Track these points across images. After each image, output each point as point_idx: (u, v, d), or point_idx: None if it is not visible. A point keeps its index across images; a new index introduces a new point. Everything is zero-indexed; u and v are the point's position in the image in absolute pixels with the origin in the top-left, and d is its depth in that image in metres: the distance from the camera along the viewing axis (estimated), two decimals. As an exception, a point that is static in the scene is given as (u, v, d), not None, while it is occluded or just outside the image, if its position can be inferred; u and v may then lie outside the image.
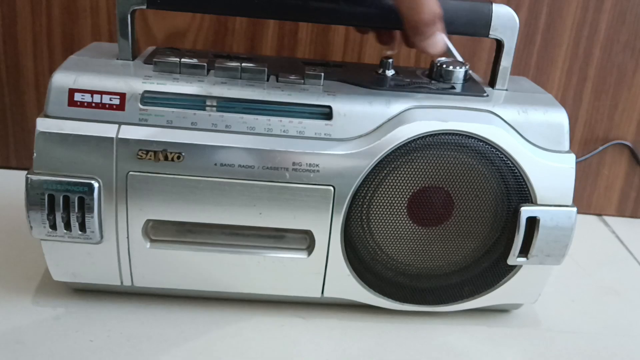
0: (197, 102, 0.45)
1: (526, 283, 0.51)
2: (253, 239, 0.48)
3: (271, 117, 0.46)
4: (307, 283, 0.49)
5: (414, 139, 0.46)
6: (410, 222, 0.49)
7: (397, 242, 0.49)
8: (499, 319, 0.53)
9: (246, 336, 0.48)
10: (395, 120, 0.46)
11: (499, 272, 0.50)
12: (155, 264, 0.47)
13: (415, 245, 0.49)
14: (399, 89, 0.49)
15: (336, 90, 0.47)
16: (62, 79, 0.45)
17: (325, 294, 0.49)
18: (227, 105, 0.46)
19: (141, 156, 0.44)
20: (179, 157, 0.44)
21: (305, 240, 0.48)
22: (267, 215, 0.46)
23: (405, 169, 0.47)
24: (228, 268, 0.48)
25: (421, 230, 0.49)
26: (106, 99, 0.45)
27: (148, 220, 0.46)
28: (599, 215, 0.76)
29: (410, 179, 0.47)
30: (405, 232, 0.49)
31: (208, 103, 0.45)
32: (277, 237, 0.48)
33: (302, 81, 0.48)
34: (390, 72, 0.53)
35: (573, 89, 0.71)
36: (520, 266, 0.50)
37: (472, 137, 0.46)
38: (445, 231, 0.49)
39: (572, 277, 0.61)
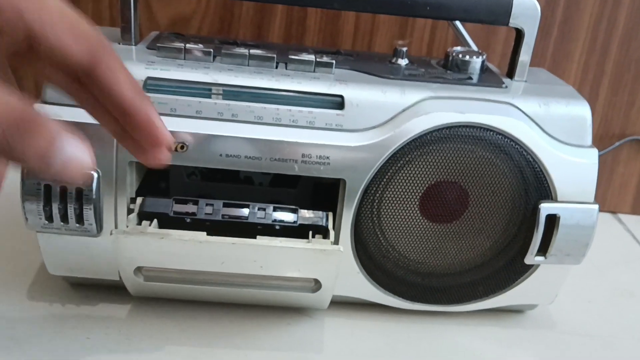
0: (202, 90, 0.43)
1: (543, 283, 0.49)
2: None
3: (280, 106, 0.43)
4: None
5: (430, 132, 0.44)
6: (423, 218, 0.47)
7: (409, 239, 0.47)
8: (512, 320, 0.51)
9: (250, 335, 0.46)
10: (410, 112, 0.44)
11: (515, 271, 0.48)
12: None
13: (428, 243, 0.47)
14: (413, 79, 0.47)
15: (348, 79, 0.45)
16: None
17: (334, 292, 0.47)
18: (234, 93, 0.43)
19: (143, 145, 0.42)
20: (182, 147, 0.42)
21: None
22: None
23: (419, 163, 0.44)
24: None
25: (434, 226, 0.47)
26: (107, 85, 0.42)
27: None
28: (614, 213, 0.74)
29: (424, 173, 0.45)
30: (418, 229, 0.47)
31: (214, 91, 0.43)
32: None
33: (313, 69, 0.46)
34: (403, 62, 0.50)
35: (589, 84, 0.69)
36: (538, 265, 0.48)
37: (491, 130, 0.44)
38: (459, 228, 0.47)
39: (586, 277, 0.59)
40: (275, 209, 0.44)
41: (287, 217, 0.44)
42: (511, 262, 0.48)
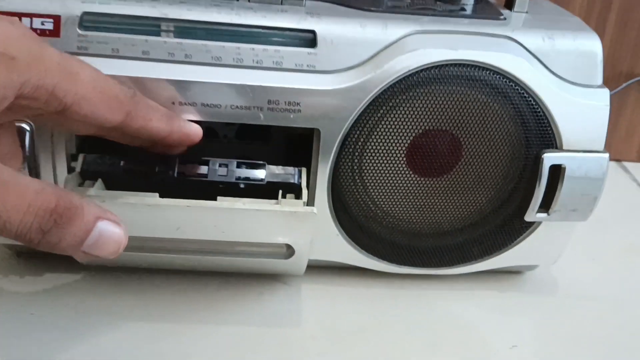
0: (149, 26, 0.37)
1: (545, 242, 0.44)
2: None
3: (241, 44, 0.37)
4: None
5: (417, 72, 0.38)
6: (410, 172, 0.41)
7: (395, 196, 0.41)
8: (510, 283, 0.46)
9: (217, 308, 0.41)
10: (393, 48, 0.38)
11: (514, 230, 0.43)
12: None
13: (416, 199, 0.42)
14: (397, 11, 0.40)
15: (321, 12, 0.39)
16: (-19, -3, 0.36)
17: (311, 257, 0.41)
18: (187, 29, 0.37)
19: (81, 93, 0.36)
20: (127, 95, 0.36)
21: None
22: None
23: (405, 109, 0.39)
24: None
25: (423, 181, 0.41)
26: (37, 23, 0.36)
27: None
28: (619, 161, 0.69)
29: (411, 120, 0.39)
30: (405, 184, 0.41)
31: (163, 27, 0.37)
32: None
33: (280, 1, 0.39)
34: (386, -9, 0.44)
35: (594, 19, 0.63)
36: (540, 223, 0.43)
37: (487, 69, 0.38)
38: (451, 182, 0.41)
39: (590, 231, 0.54)
40: (239, 165, 0.38)
41: (253, 174, 0.38)
42: (509, 220, 0.43)
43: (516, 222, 0.42)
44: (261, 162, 0.39)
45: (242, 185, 0.37)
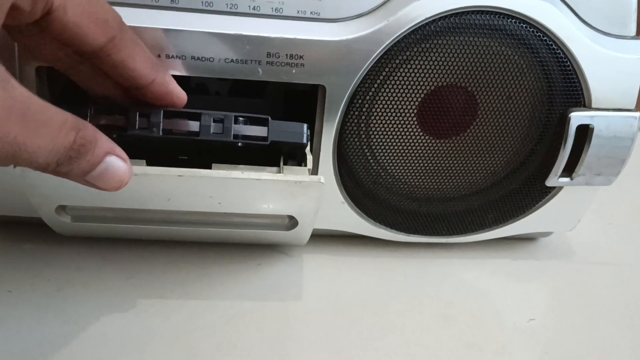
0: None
1: (564, 208, 0.41)
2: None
3: (235, -12, 0.32)
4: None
5: (433, 20, 0.33)
6: (421, 132, 0.37)
7: (405, 159, 0.38)
8: (524, 249, 0.44)
9: (212, 281, 0.38)
10: (408, -7, 0.33)
11: (533, 195, 0.40)
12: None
13: (427, 162, 0.38)
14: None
15: (326, -50, 0.34)
16: None
17: (314, 226, 0.38)
18: (173, -28, 0.32)
19: (52, 44, 0.31)
20: (106, 46, 0.31)
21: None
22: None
23: (418, 62, 0.34)
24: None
25: (435, 142, 0.38)
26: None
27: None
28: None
29: (424, 75, 0.35)
30: (415, 145, 0.37)
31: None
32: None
33: (278, -63, 0.34)
34: None
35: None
36: (560, 188, 0.39)
37: (512, 17, 0.34)
38: (465, 143, 0.38)
39: (606, 194, 0.51)
40: (237, 120, 0.32)
41: (254, 131, 0.32)
42: (528, 184, 0.39)
43: (535, 186, 0.39)
44: (263, 116, 0.33)
45: (240, 144, 0.32)
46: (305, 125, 0.33)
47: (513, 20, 0.34)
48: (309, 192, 0.31)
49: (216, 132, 0.32)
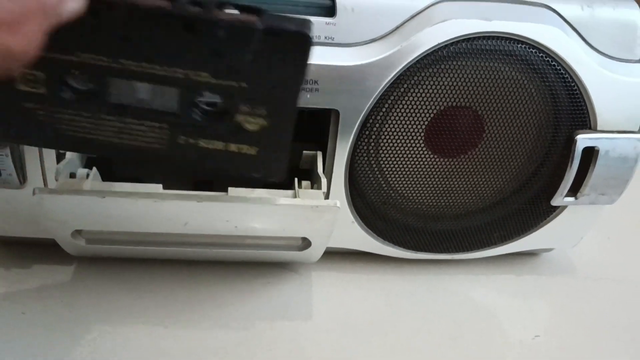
0: None
1: (568, 226, 0.41)
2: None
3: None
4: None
5: (445, 45, 0.34)
6: (429, 151, 0.38)
7: (412, 178, 0.38)
8: (527, 265, 0.44)
9: (221, 299, 0.38)
10: (420, 18, 0.34)
11: (538, 213, 0.41)
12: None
13: (435, 180, 0.39)
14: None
15: (339, -26, 0.34)
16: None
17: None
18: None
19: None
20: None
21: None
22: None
23: (429, 85, 0.35)
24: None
25: (442, 161, 0.38)
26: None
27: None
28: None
29: (433, 97, 0.35)
30: (423, 165, 0.38)
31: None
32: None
33: (291, -39, 0.35)
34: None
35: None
36: (565, 206, 0.40)
37: (522, 42, 0.35)
38: (471, 162, 0.39)
39: (605, 208, 0.52)
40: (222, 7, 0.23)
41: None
42: (533, 203, 0.40)
43: (541, 205, 0.40)
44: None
45: (222, 33, 0.23)
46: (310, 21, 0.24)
47: (522, 46, 0.35)
48: (325, 216, 0.32)
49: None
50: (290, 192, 0.33)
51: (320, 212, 0.31)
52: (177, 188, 0.40)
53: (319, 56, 0.33)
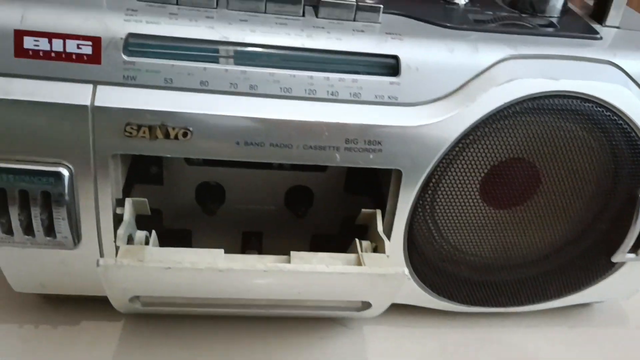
0: (207, 51, 0.31)
1: (625, 279, 0.40)
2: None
3: (314, 73, 0.32)
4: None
5: (511, 105, 0.33)
6: (484, 204, 0.37)
7: (467, 230, 0.38)
8: (579, 316, 0.44)
9: (278, 356, 0.37)
10: (486, 77, 0.33)
11: (597, 269, 0.40)
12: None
13: (489, 232, 0.38)
14: (483, 28, 0.35)
15: (401, 30, 0.34)
16: (3, 14, 0.30)
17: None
18: (250, 55, 0.31)
19: (130, 132, 0.30)
20: (185, 135, 0.31)
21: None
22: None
23: (489, 141, 0.34)
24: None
25: (497, 213, 0.38)
26: (71, 46, 0.30)
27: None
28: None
29: (492, 152, 0.35)
30: (478, 217, 0.37)
31: (222, 52, 0.31)
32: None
33: (353, 17, 0.34)
34: (462, 0, 0.39)
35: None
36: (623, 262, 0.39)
37: (589, 101, 0.34)
38: (526, 214, 0.38)
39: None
40: None
41: None
42: (590, 258, 0.39)
43: (599, 261, 0.39)
44: None
45: None
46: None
47: (588, 104, 0.34)
48: (391, 283, 0.31)
49: None
50: (353, 256, 0.32)
51: (386, 279, 0.31)
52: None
53: (382, 117, 0.32)
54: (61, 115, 0.30)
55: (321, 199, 0.40)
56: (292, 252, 0.32)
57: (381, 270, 0.30)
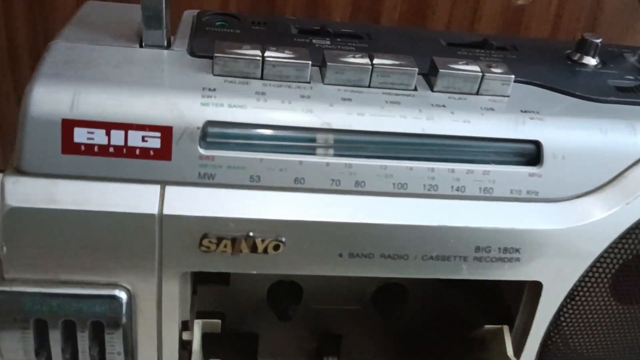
0: (303, 140, 0.24)
1: None
2: None
3: (436, 164, 0.25)
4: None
5: (677, 197, 0.26)
6: (615, 301, 0.30)
7: (596, 333, 0.31)
8: None
9: None
10: (646, 165, 0.26)
11: None
12: None
13: (619, 331, 0.31)
14: (629, 98, 0.29)
15: (538, 106, 0.27)
16: (48, 99, 0.23)
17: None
18: (356, 143, 0.25)
19: (208, 247, 0.24)
20: (277, 247, 0.24)
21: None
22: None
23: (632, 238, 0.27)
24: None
25: (627, 309, 0.31)
26: (135, 139, 0.23)
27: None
28: None
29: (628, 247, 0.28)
30: (608, 316, 0.30)
31: (320, 141, 0.25)
32: None
33: (477, 89, 0.27)
34: (592, 60, 0.32)
35: None
36: None
37: None
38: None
39: None
40: None
41: None
42: None
43: None
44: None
45: None
46: None
47: None
48: None
49: None
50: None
51: None
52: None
53: (520, 217, 0.26)
54: (120, 227, 0.23)
55: (416, 296, 0.34)
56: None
57: None
